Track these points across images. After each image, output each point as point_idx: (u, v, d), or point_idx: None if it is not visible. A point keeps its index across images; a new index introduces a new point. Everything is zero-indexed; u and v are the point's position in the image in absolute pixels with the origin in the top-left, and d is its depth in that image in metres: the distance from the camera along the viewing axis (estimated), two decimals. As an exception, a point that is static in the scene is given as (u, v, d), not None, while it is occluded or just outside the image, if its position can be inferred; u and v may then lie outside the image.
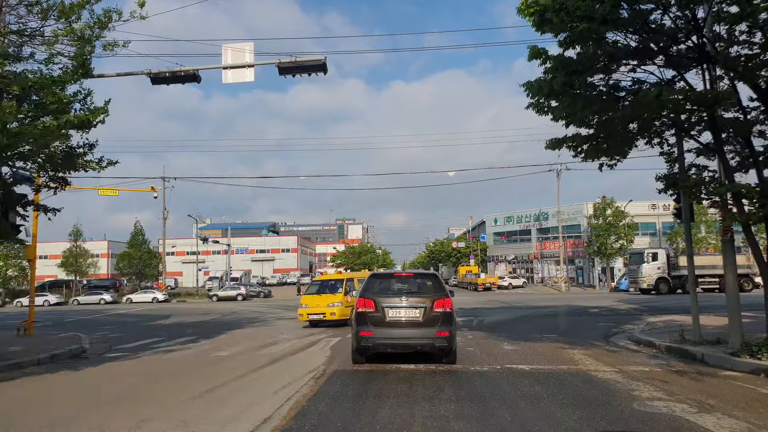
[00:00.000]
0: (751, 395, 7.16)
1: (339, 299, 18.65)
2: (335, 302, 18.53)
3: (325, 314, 18.22)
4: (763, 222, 10.09)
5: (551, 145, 11.53)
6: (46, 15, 10.68)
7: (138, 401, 7.66)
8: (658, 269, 38.72)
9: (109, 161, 12.71)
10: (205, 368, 10.55)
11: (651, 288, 38.30)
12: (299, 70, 14.72)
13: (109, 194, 43.31)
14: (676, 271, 38.17)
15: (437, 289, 9.90)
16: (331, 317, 18.18)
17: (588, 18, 8.96)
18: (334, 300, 18.66)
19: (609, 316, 21.09)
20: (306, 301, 19.09)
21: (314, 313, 18.38)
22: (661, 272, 38.60)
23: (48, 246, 65.31)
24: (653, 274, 38.67)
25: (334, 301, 18.60)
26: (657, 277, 38.49)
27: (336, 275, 21.52)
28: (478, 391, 7.62)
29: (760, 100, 10.13)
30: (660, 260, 38.89)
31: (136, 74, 15.19)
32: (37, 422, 6.58)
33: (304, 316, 18.59)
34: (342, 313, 18.14)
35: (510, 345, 12.57)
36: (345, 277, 20.53)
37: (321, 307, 18.41)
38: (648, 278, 38.66)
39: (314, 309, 18.45)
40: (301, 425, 6.02)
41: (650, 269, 38.84)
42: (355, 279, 20.18)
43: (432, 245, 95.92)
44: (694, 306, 11.79)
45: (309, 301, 19.00)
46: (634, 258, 42.01)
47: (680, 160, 11.49)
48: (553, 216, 61.06)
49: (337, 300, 18.62)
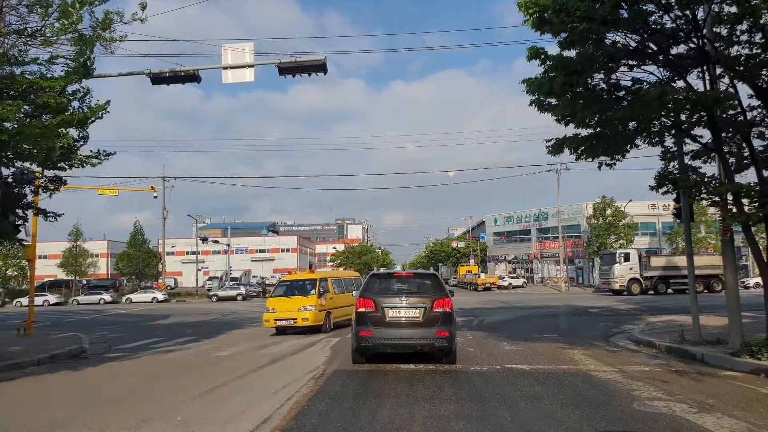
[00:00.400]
0: (751, 395, 7.16)
1: (312, 302, 16.41)
2: (307, 305, 16.31)
3: (296, 319, 16.12)
4: (763, 222, 10.10)
5: (553, 149, 11.52)
6: (47, 14, 10.67)
7: (138, 401, 7.66)
8: (630, 270, 38.53)
9: (106, 153, 12.63)
10: (205, 368, 10.55)
11: (623, 289, 38.08)
12: (299, 70, 14.72)
13: (109, 194, 43.35)
14: (648, 271, 38.16)
15: (437, 289, 9.90)
16: (303, 323, 16.08)
17: (588, 18, 8.96)
18: (305, 303, 16.41)
19: (609, 316, 21.09)
20: (273, 305, 16.85)
21: (283, 318, 16.32)
22: (633, 273, 38.44)
23: (48, 246, 65.21)
24: (625, 274, 38.45)
25: (306, 304, 16.37)
26: (629, 277, 38.26)
27: (307, 275, 18.83)
28: (478, 391, 7.62)
29: (760, 100, 10.14)
30: (632, 261, 38.72)
31: (137, 74, 15.20)
32: (37, 422, 6.58)
33: (271, 321, 16.48)
34: (315, 318, 16.25)
35: (510, 345, 12.57)
36: (318, 276, 17.91)
37: (291, 312, 16.27)
38: (620, 279, 38.44)
39: (283, 313, 16.36)
40: (301, 425, 6.02)
41: (622, 270, 38.63)
42: (329, 279, 18.02)
43: (432, 245, 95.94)
44: (694, 306, 11.79)
45: (277, 305, 16.79)
46: (606, 258, 41.76)
47: (680, 160, 11.49)
48: (553, 216, 61.05)
49: (310, 303, 16.38)
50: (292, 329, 16.56)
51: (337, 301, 17.66)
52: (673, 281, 37.76)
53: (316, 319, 16.26)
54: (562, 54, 10.21)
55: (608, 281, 39.81)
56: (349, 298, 17.18)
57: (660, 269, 38.14)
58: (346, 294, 18.22)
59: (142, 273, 64.49)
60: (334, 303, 17.38)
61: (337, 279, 18.91)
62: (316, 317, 16.28)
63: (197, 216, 71.89)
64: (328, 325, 16.79)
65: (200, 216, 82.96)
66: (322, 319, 16.50)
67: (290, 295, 17.10)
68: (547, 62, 10.18)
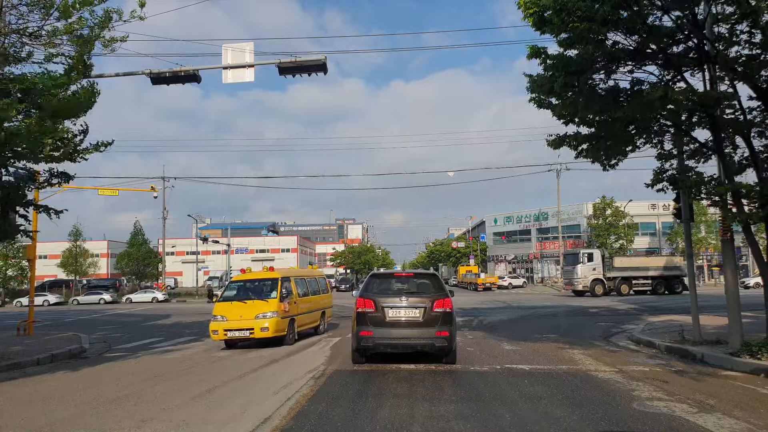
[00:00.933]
0: (751, 395, 7.16)
1: (272, 308, 13.32)
2: (267, 312, 13.21)
3: (252, 329, 13.01)
4: (763, 222, 10.10)
5: (553, 144, 11.53)
6: (48, 14, 10.66)
7: (138, 401, 7.65)
8: (593, 270, 37.41)
9: (104, 143, 12.51)
10: (205, 368, 10.55)
11: (586, 290, 36.98)
12: (299, 70, 14.72)
13: (109, 194, 43.33)
14: (611, 272, 37.28)
15: (437, 289, 9.90)
16: (261, 334, 13.00)
17: (588, 18, 8.96)
18: (265, 308, 13.32)
19: (608, 316, 21.09)
20: (223, 311, 13.55)
21: (236, 328, 13.14)
22: (597, 273, 37.33)
23: (48, 246, 65.21)
24: (589, 275, 37.26)
25: (266, 310, 13.27)
26: (592, 278, 37.13)
27: (266, 273, 15.22)
28: (478, 391, 7.62)
29: (760, 100, 10.13)
30: (595, 261, 37.67)
31: (137, 74, 15.19)
32: (37, 422, 6.58)
33: (220, 333, 13.21)
34: (277, 327, 13.20)
35: (510, 345, 12.57)
36: (279, 275, 14.47)
37: (246, 320, 13.18)
38: (583, 279, 37.17)
39: (235, 322, 13.22)
40: (301, 425, 6.02)
41: (585, 270, 37.42)
42: (292, 279, 14.81)
43: (432, 245, 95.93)
44: (694, 306, 11.79)
45: (228, 311, 13.50)
46: (568, 259, 40.68)
47: (680, 160, 11.48)
48: (553, 216, 61.08)
49: (270, 308, 13.31)
50: (246, 342, 13.60)
51: (301, 306, 14.73)
52: (635, 282, 36.95)
53: (277, 328, 13.23)
54: (563, 54, 10.22)
55: (571, 282, 38.43)
56: (315, 302, 15.99)
57: (623, 270, 37.30)
58: (311, 297, 15.82)
59: (142, 273, 64.51)
60: (298, 308, 14.49)
61: (300, 278, 15.70)
62: (277, 326, 13.23)
63: (197, 216, 71.90)
64: (291, 335, 13.82)
65: (200, 216, 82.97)
66: (285, 327, 13.56)
67: (244, 298, 13.99)
68: (548, 62, 10.19)
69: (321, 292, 16.98)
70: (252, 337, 13.15)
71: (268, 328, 13.07)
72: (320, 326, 16.17)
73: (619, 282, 36.90)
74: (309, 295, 15.72)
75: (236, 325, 13.20)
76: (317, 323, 16.05)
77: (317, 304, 16.22)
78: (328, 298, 17.62)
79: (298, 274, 16.26)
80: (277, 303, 13.46)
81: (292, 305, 14.07)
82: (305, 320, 15.10)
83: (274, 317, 13.22)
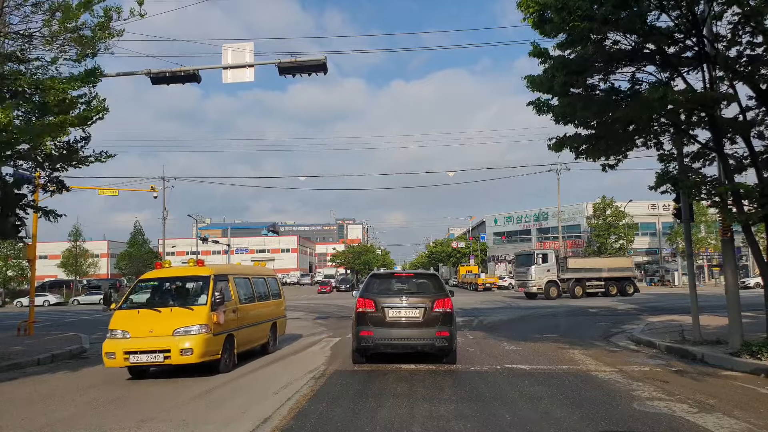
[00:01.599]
0: (752, 395, 7.17)
1: (199, 319, 9.30)
2: (191, 325, 9.21)
3: (168, 351, 9.01)
4: (763, 222, 10.10)
5: (554, 147, 11.53)
6: (52, 17, 10.65)
7: (138, 401, 7.66)
8: (547, 272, 35.46)
9: (108, 154, 12.73)
10: (205, 368, 10.54)
11: (540, 292, 35.15)
12: (299, 70, 14.72)
13: (109, 194, 43.22)
14: (566, 273, 35.65)
15: (437, 289, 9.91)
16: (183, 358, 9.02)
17: (589, 18, 8.96)
18: (187, 320, 9.29)
19: (608, 316, 21.09)
20: (124, 323, 9.47)
21: (143, 349, 9.04)
22: (551, 275, 35.39)
23: (48, 246, 65.27)
24: (543, 277, 35.27)
25: (189, 322, 9.25)
26: (547, 280, 35.20)
27: (190, 269, 10.75)
28: (478, 391, 7.62)
29: (760, 100, 10.14)
30: (550, 262, 35.77)
31: (137, 74, 15.19)
32: (36, 422, 6.58)
33: (118, 356, 9.10)
34: (206, 347, 9.20)
35: (510, 345, 12.57)
36: (210, 272, 10.28)
37: (159, 337, 9.13)
38: (538, 281, 35.14)
39: (142, 340, 9.10)
40: (301, 425, 6.02)
41: (540, 272, 35.39)
42: (231, 278, 10.75)
43: (432, 245, 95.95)
44: (694, 306, 11.79)
45: (130, 324, 9.41)
46: (521, 260, 38.36)
47: (679, 160, 11.49)
48: (553, 216, 61.07)
49: (196, 321, 9.27)
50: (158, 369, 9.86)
51: (243, 316, 10.76)
52: (588, 284, 35.60)
53: (206, 349, 9.23)
54: (563, 53, 10.23)
55: (525, 283, 36.31)
56: (263, 311, 12.04)
57: (577, 271, 35.88)
58: (258, 304, 11.85)
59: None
60: (238, 319, 10.49)
61: (243, 278, 11.63)
62: (207, 346, 9.22)
63: (197, 216, 71.82)
64: (228, 358, 9.90)
65: (200, 216, 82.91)
66: (219, 347, 9.57)
67: (159, 305, 9.97)
68: (548, 61, 10.20)
69: (272, 296, 12.94)
70: (167, 363, 9.14)
71: (191, 350, 9.00)
72: (269, 343, 12.26)
73: (573, 284, 35.43)
74: (255, 300, 11.78)
75: (142, 345, 9.05)
76: (265, 339, 12.09)
77: (266, 313, 12.25)
78: (280, 305, 13.42)
79: (240, 272, 11.96)
80: (208, 312, 9.42)
81: (229, 315, 10.07)
82: (249, 336, 11.04)
83: (201, 333, 9.18)
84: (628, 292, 35.62)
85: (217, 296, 9.69)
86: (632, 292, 35.64)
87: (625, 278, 36.35)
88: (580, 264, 36.74)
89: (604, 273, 36.02)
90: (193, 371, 9.61)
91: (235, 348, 10.32)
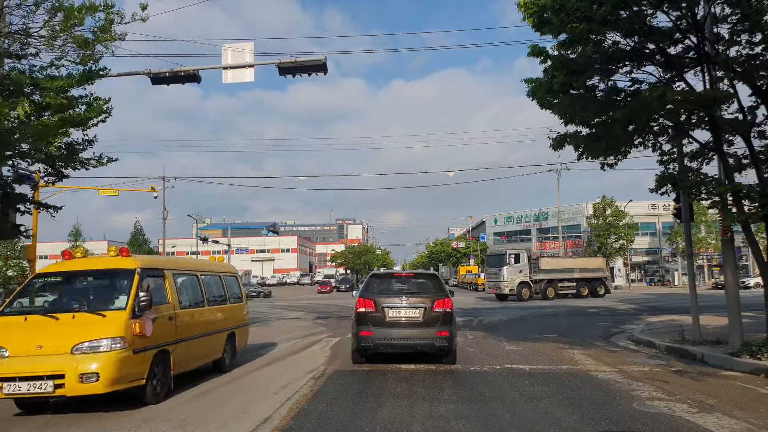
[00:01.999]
0: (752, 395, 7.17)
1: (113, 328, 6.82)
2: (98, 338, 6.69)
3: (63, 375, 6.38)
4: (763, 222, 10.09)
5: (555, 143, 11.53)
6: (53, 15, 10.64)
7: (137, 401, 7.65)
8: (520, 272, 34.06)
9: (108, 158, 12.79)
10: (204, 368, 10.53)
11: (513, 293, 33.80)
12: (299, 70, 14.74)
13: (109, 194, 43.22)
14: (537, 274, 34.42)
15: (437, 289, 9.91)
16: (83, 387, 6.44)
17: (588, 19, 8.96)
18: (93, 331, 6.75)
19: (608, 316, 21.09)
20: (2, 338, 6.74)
21: (21, 375, 6.36)
22: (524, 276, 34.05)
23: (48, 246, 65.13)
24: (515, 278, 33.86)
25: (96, 334, 6.72)
26: (519, 281, 33.80)
27: (105, 260, 8.07)
28: (478, 391, 7.62)
29: (760, 100, 10.13)
30: (522, 262, 34.31)
31: (137, 74, 15.21)
32: (36, 422, 6.59)
33: None
34: (121, 369, 6.69)
35: (510, 345, 12.58)
36: (137, 264, 7.69)
37: (48, 355, 6.53)
38: (510, 282, 33.74)
39: (23, 361, 6.49)
40: (301, 425, 6.03)
41: (512, 272, 34.01)
42: (167, 274, 8.21)
43: (432, 245, 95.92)
44: (694, 306, 11.79)
45: (10, 337, 6.74)
46: (493, 260, 37.07)
47: (679, 160, 11.48)
48: (553, 216, 61.04)
49: (106, 332, 6.77)
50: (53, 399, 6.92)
51: (185, 324, 8.27)
52: (560, 285, 34.73)
53: (121, 372, 6.71)
54: (563, 54, 10.23)
55: (496, 285, 34.88)
56: (218, 316, 9.57)
57: (549, 272, 34.83)
58: (211, 308, 9.32)
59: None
60: (177, 329, 8.01)
61: (185, 274, 9.06)
62: (122, 367, 6.71)
63: (197, 216, 71.81)
64: (159, 383, 7.46)
65: (200, 216, 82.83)
66: (143, 369, 7.11)
67: (55, 310, 7.24)
68: (548, 61, 10.20)
69: (230, 299, 10.41)
70: (56, 393, 6.42)
71: (96, 374, 6.44)
72: (224, 359, 9.68)
73: (545, 285, 34.36)
74: (205, 304, 9.16)
75: (26, 368, 6.41)
76: (218, 354, 9.52)
77: (221, 320, 9.70)
78: (240, 310, 10.92)
79: (183, 267, 9.23)
80: (126, 320, 6.89)
81: (163, 324, 7.55)
82: (194, 351, 8.53)
83: (115, 350, 6.64)
84: (599, 293, 34.99)
85: (142, 297, 7.08)
86: (603, 293, 35.10)
87: (596, 279, 35.71)
88: (552, 264, 35.77)
89: (576, 274, 35.23)
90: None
91: (171, 369, 7.68)
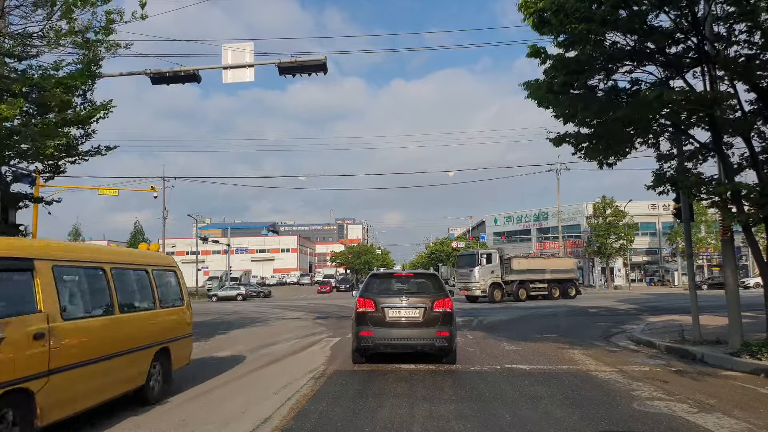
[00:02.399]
0: (752, 395, 7.17)
1: None
2: None
3: None
4: (763, 222, 10.09)
5: (554, 141, 11.54)
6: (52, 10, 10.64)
7: (137, 401, 7.64)
8: (492, 273, 33.03)
9: (107, 147, 12.79)
10: (204, 368, 10.54)
11: (484, 295, 32.69)
12: (299, 70, 14.73)
13: (109, 194, 43.21)
14: (509, 275, 33.49)
15: (437, 289, 9.91)
16: None
17: (587, 19, 8.96)
18: None
19: (608, 316, 21.10)
20: None
21: None
22: (495, 276, 33.05)
23: (48, 246, 65.23)
24: (487, 278, 32.79)
25: None
26: (491, 282, 32.76)
27: None
28: (478, 391, 7.62)
29: (760, 100, 10.14)
30: (494, 262, 33.30)
31: (137, 74, 15.21)
32: (37, 422, 6.57)
33: None
34: None
35: (510, 345, 12.58)
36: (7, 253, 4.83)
37: None
38: (482, 283, 32.66)
39: None
40: (301, 425, 6.03)
41: (484, 273, 32.88)
42: (43, 266, 5.24)
43: (432, 245, 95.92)
44: (694, 306, 11.80)
45: None
46: (464, 260, 35.88)
47: (679, 160, 11.49)
48: (553, 216, 61.06)
49: None
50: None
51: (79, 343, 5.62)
52: (532, 286, 33.94)
53: None
54: (563, 54, 10.23)
55: (467, 286, 33.57)
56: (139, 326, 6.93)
57: (521, 273, 33.87)
58: (127, 316, 6.70)
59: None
60: (55, 351, 5.17)
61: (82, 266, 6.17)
62: None
63: (197, 216, 71.84)
64: None
65: (200, 216, 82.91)
66: None
67: None
68: (548, 61, 10.20)
69: (161, 303, 7.70)
70: None
71: None
72: (150, 385, 7.16)
73: (517, 286, 33.37)
74: (116, 311, 6.47)
75: None
76: (139, 381, 6.94)
77: (144, 333, 7.08)
78: (177, 316, 8.22)
79: (72, 256, 6.09)
80: None
81: (29, 347, 4.91)
82: (88, 383, 5.87)
83: None
84: (570, 294, 34.59)
85: None
86: (574, 294, 34.73)
87: (568, 280, 35.32)
88: (524, 265, 34.64)
89: (548, 275, 34.60)
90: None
91: (38, 417, 4.97)
